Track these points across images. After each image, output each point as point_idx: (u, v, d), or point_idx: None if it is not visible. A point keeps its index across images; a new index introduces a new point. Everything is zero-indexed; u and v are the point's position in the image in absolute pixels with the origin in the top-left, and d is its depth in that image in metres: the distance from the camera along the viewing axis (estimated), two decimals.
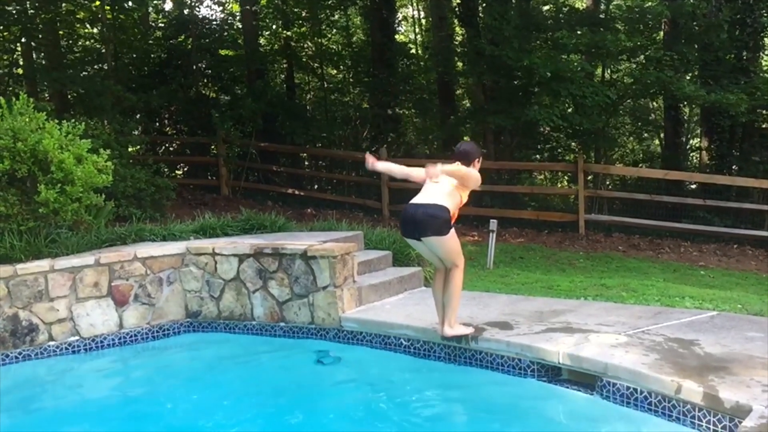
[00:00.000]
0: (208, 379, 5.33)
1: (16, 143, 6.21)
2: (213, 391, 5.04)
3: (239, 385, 5.16)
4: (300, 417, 4.51)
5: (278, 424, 4.39)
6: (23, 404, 4.94)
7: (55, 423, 4.62)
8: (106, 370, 5.71)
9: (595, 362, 4.18)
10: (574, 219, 12.25)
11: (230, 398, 4.87)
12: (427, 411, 4.59)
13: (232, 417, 4.53)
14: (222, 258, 6.23)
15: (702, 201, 12.35)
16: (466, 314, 5.39)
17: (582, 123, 12.84)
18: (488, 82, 14.39)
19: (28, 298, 5.61)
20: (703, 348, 4.29)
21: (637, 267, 9.66)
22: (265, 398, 4.87)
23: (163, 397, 5.08)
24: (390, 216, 13.07)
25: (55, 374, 5.50)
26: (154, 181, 10.60)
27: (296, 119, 16.22)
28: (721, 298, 6.62)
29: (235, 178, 15.04)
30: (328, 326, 5.74)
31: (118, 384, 5.53)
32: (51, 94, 14.63)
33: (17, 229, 6.16)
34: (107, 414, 4.79)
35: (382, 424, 4.34)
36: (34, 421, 4.66)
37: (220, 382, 5.23)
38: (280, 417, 4.50)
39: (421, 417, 4.44)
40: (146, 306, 6.16)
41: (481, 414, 4.43)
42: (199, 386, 5.21)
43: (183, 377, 5.53)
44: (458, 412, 4.60)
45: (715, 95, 12.21)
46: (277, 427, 4.35)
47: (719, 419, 3.48)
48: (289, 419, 4.46)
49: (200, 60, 17.39)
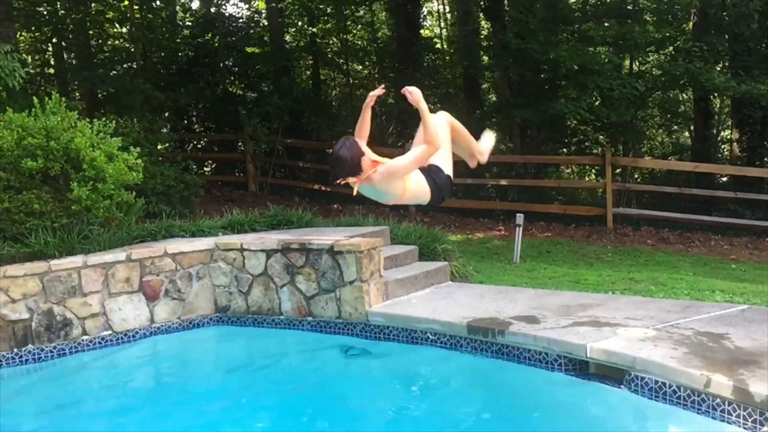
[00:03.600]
0: (237, 372, 5.42)
1: (49, 142, 6.33)
2: (239, 381, 5.13)
3: (265, 375, 5.24)
4: (326, 408, 4.56)
5: (304, 414, 4.45)
6: (59, 398, 5.07)
7: (91, 416, 4.73)
8: (139, 364, 5.83)
9: (623, 356, 4.16)
10: (601, 213, 12.15)
11: (257, 390, 4.94)
12: (454, 404, 4.61)
13: (259, 409, 4.60)
14: (250, 253, 6.31)
15: (733, 194, 12.17)
16: (493, 308, 5.39)
17: (609, 116, 12.74)
18: (514, 76, 14.33)
19: (62, 294, 5.73)
20: (733, 342, 4.24)
21: (666, 261, 9.56)
22: (292, 390, 4.94)
23: (192, 389, 5.18)
24: (416, 210, 13.08)
25: (90, 368, 5.63)
26: (182, 178, 10.74)
27: (322, 115, 16.32)
28: (753, 292, 6.53)
29: (262, 174, 15.17)
30: (355, 321, 5.78)
31: (149, 375, 5.65)
32: (82, 94, 14.90)
33: (51, 226, 6.28)
34: (139, 403, 4.90)
35: (409, 418, 4.37)
36: (71, 414, 4.78)
37: (246, 372, 5.32)
38: (307, 408, 4.56)
39: (448, 410, 4.46)
40: (176, 301, 6.26)
41: (507, 407, 4.44)
42: (226, 376, 5.30)
43: (212, 370, 5.63)
44: (485, 406, 4.61)
45: (746, 86, 12.02)
46: (303, 418, 4.40)
47: (749, 413, 3.45)
48: (316, 410, 4.52)
49: (227, 57, 17.57)
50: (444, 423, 4.29)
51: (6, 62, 6.85)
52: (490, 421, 4.38)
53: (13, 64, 6.96)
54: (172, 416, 4.57)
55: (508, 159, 14.56)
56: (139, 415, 4.68)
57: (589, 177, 17.12)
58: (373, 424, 4.38)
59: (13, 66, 6.96)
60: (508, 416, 4.34)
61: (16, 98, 8.12)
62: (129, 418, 4.66)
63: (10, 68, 6.90)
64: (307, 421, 4.41)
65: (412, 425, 4.31)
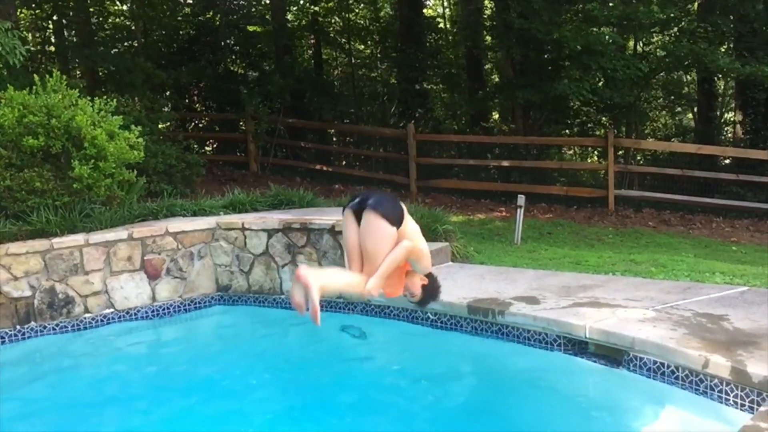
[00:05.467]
0: (237, 349, 5.46)
1: (50, 120, 6.32)
2: (241, 360, 5.16)
3: (266, 355, 5.27)
4: (325, 384, 4.60)
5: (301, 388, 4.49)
6: (61, 373, 5.12)
7: (94, 390, 4.78)
8: (141, 341, 5.88)
9: (622, 336, 4.17)
10: (603, 194, 12.13)
11: (257, 366, 4.98)
12: (454, 382, 4.65)
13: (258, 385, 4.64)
14: (251, 233, 6.32)
15: (735, 176, 12.14)
16: (494, 289, 5.41)
17: (612, 97, 12.67)
18: (517, 56, 14.23)
19: (64, 272, 5.75)
20: (732, 323, 4.26)
21: (667, 243, 9.56)
22: (291, 366, 4.98)
23: (193, 365, 5.23)
24: (418, 191, 13.08)
25: (92, 345, 5.67)
26: (184, 158, 10.73)
27: (324, 95, 16.25)
28: (753, 274, 6.53)
29: (263, 154, 15.14)
30: (356, 300, 5.80)
31: (153, 353, 5.70)
32: (82, 72, 14.86)
33: (52, 204, 6.29)
34: (143, 381, 4.94)
35: (408, 395, 4.41)
36: (73, 388, 4.83)
37: (247, 351, 5.35)
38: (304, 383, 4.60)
39: (448, 388, 4.50)
40: (178, 280, 6.28)
41: (507, 386, 4.47)
42: (228, 355, 5.34)
43: (212, 347, 5.67)
44: (484, 384, 4.65)
45: (750, 68, 11.95)
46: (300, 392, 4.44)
47: (746, 393, 3.47)
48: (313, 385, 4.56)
49: (228, 36, 17.46)
50: (443, 400, 4.33)
51: (6, 40, 6.81)
52: (490, 398, 4.42)
53: (13, 42, 6.92)
54: (174, 398, 4.62)
55: (511, 140, 14.51)
56: (141, 395, 4.73)
57: (591, 159, 17.07)
58: (369, 401, 4.42)
59: (13, 44, 6.92)
60: (506, 395, 4.38)
61: (17, 76, 8.10)
62: (132, 393, 4.72)
63: (10, 46, 6.87)
64: (302, 402, 4.43)
65: (410, 403, 4.35)
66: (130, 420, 4.29)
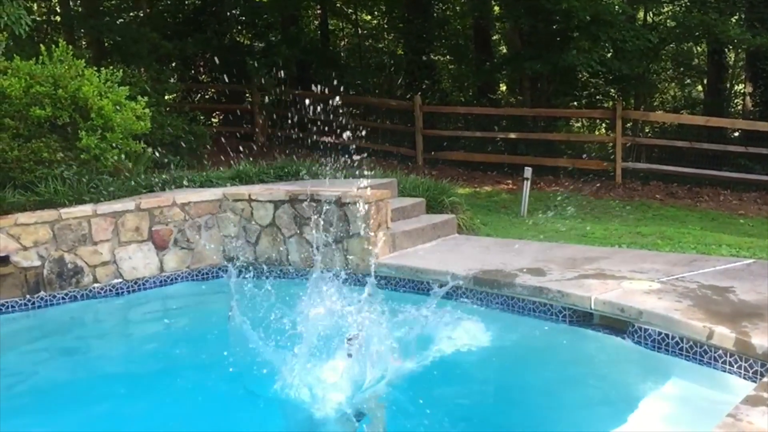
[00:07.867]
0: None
1: (57, 90, 6.32)
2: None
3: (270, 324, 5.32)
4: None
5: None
6: (71, 342, 5.18)
7: (102, 360, 4.84)
8: (151, 310, 5.94)
9: (627, 308, 4.20)
10: (611, 167, 12.08)
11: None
12: (461, 353, 4.67)
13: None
14: (258, 204, 6.34)
15: (744, 148, 12.05)
16: (500, 261, 5.43)
17: (621, 68, 12.57)
18: (525, 27, 14.10)
19: (72, 242, 5.79)
20: (737, 295, 4.27)
21: (674, 215, 9.55)
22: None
23: (198, 333, 5.28)
24: (424, 163, 13.05)
25: (102, 314, 5.74)
26: (190, 129, 10.71)
27: (330, 66, 16.13)
28: (759, 247, 6.53)
29: (269, 125, 15.09)
30: (362, 271, 5.83)
31: (161, 322, 5.76)
32: (88, 42, 14.77)
33: (60, 175, 6.32)
34: (152, 350, 5.00)
35: (414, 365, 4.44)
36: (83, 357, 4.89)
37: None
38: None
39: (454, 358, 4.53)
40: (185, 250, 6.32)
41: (511, 356, 4.50)
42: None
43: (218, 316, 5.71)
44: (491, 354, 4.67)
45: (762, 38, 11.82)
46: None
47: (750, 364, 3.50)
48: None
49: (234, 6, 17.29)
50: (448, 369, 4.36)
51: (12, 9, 6.77)
52: (496, 367, 4.46)
53: (19, 12, 6.88)
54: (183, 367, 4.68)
55: (518, 112, 14.42)
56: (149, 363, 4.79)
57: (599, 131, 16.98)
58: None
59: (19, 13, 6.87)
60: (511, 365, 4.41)
61: (23, 46, 8.08)
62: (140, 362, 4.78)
63: (16, 16, 6.82)
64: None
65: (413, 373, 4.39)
66: (136, 387, 4.34)
